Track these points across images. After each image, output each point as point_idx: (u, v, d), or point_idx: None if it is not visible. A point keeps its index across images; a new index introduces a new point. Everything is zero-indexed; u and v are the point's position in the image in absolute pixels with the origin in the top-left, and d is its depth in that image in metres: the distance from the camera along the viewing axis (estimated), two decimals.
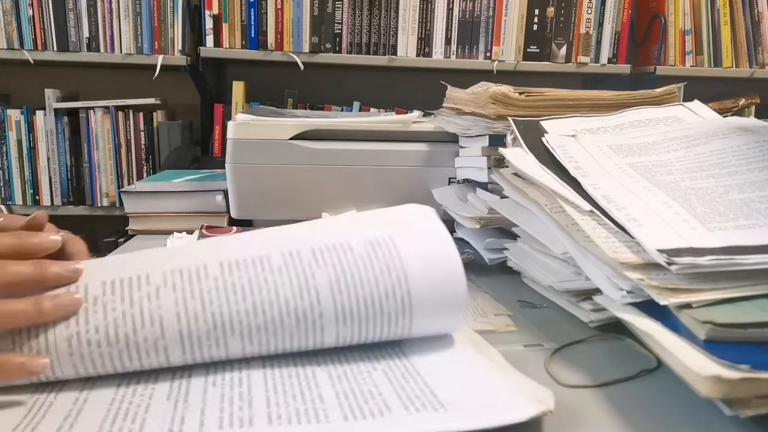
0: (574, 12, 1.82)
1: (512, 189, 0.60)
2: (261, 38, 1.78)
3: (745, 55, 1.88)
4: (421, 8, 1.81)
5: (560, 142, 0.61)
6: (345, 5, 1.79)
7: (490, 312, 0.53)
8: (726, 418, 0.34)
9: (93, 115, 1.82)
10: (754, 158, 0.53)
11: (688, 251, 0.40)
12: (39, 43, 1.76)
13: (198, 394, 0.36)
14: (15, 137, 1.81)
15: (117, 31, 1.77)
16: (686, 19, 1.85)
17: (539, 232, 0.56)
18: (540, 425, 0.35)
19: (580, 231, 0.46)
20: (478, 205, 0.72)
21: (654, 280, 0.39)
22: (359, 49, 1.81)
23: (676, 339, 0.36)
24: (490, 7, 1.81)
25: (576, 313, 0.51)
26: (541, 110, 0.69)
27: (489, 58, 1.83)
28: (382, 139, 0.85)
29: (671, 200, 0.48)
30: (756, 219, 0.44)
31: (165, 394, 0.36)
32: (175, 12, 1.77)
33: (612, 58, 1.84)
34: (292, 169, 0.83)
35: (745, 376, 0.31)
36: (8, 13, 1.74)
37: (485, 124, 0.70)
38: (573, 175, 0.54)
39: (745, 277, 0.39)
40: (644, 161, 0.56)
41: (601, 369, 0.42)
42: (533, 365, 0.42)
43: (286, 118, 0.88)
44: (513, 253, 0.63)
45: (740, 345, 0.35)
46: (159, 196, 0.89)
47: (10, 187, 1.82)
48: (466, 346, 0.43)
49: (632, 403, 0.38)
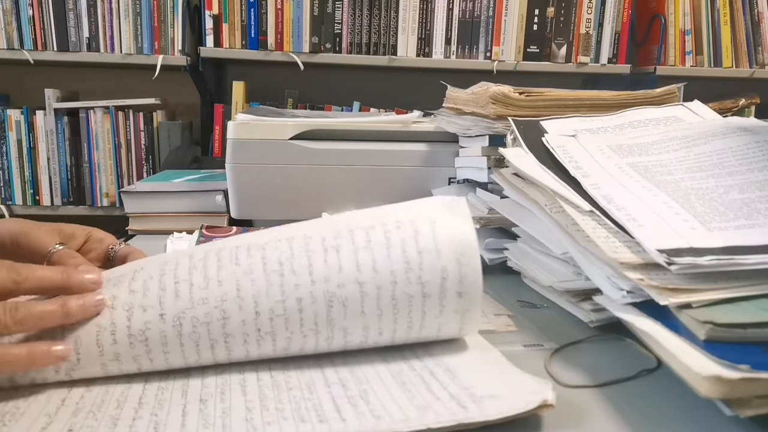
0: (574, 12, 1.82)
1: (512, 189, 0.60)
2: (261, 38, 1.78)
3: (745, 55, 1.88)
4: (421, 8, 1.81)
5: (560, 142, 0.61)
6: (345, 5, 1.79)
7: (490, 312, 0.53)
8: (726, 418, 0.34)
9: (93, 115, 1.82)
10: (754, 158, 0.52)
11: (688, 251, 0.40)
12: (39, 43, 1.76)
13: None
14: (15, 137, 1.81)
15: (117, 31, 1.77)
16: (686, 19, 1.85)
17: (539, 232, 0.56)
18: (541, 425, 0.35)
19: (580, 231, 0.46)
20: (478, 205, 0.72)
21: (654, 280, 0.39)
22: (359, 49, 1.81)
23: (676, 339, 0.36)
24: (490, 7, 1.81)
25: (576, 313, 0.51)
26: (541, 110, 0.69)
27: (489, 58, 1.83)
28: (382, 139, 0.85)
29: (671, 200, 0.48)
30: (756, 219, 0.44)
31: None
32: (175, 12, 1.77)
33: (612, 58, 1.84)
34: (292, 169, 0.83)
35: (745, 376, 0.31)
36: (8, 13, 1.73)
37: (485, 124, 0.70)
38: (573, 175, 0.54)
39: (745, 277, 0.39)
40: (644, 161, 0.56)
41: (601, 369, 0.42)
42: (533, 365, 0.42)
43: (286, 118, 0.88)
44: (513, 253, 0.63)
45: (740, 345, 0.35)
46: (159, 196, 0.89)
47: (10, 187, 1.82)
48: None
49: (632, 403, 0.38)
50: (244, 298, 0.38)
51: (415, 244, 0.39)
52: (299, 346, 0.39)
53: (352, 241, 0.39)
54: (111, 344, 0.37)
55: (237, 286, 0.38)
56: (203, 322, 0.37)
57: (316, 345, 0.39)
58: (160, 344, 0.37)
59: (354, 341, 0.40)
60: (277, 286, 0.38)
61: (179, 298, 0.38)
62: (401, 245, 0.39)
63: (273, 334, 0.38)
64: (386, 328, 0.39)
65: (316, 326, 0.38)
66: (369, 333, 0.39)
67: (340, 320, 0.38)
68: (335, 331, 0.39)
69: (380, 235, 0.39)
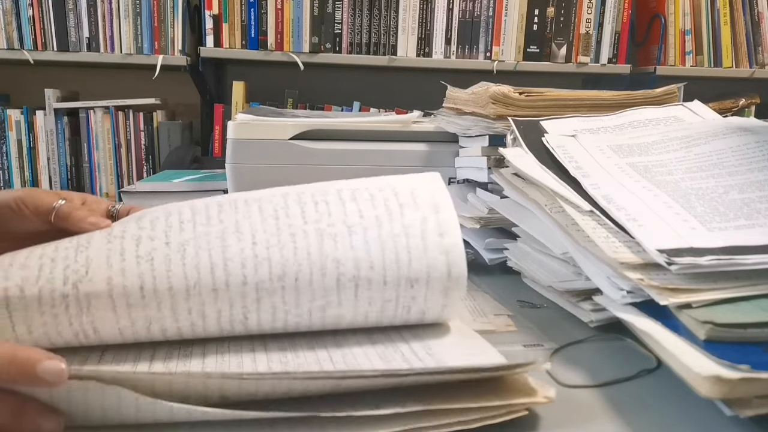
0: (574, 12, 1.82)
1: (512, 189, 0.60)
2: (261, 38, 1.79)
3: (745, 55, 1.88)
4: (421, 8, 1.81)
5: (560, 142, 0.61)
6: (345, 5, 1.79)
7: (490, 312, 0.53)
8: (726, 418, 0.34)
9: (93, 115, 1.82)
10: (754, 158, 0.53)
11: (688, 251, 0.40)
12: (39, 43, 1.76)
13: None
14: (15, 137, 1.81)
15: (117, 31, 1.77)
16: (686, 19, 1.85)
17: (539, 232, 0.56)
18: (541, 424, 0.35)
19: (580, 231, 0.46)
20: (478, 205, 0.72)
21: (654, 280, 0.39)
22: (359, 49, 1.81)
23: (676, 339, 0.36)
24: (490, 7, 1.81)
25: (576, 313, 0.51)
26: (541, 110, 0.69)
27: (489, 58, 1.83)
28: (382, 139, 0.85)
29: (671, 200, 0.48)
30: (756, 219, 0.44)
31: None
32: (175, 12, 1.77)
33: (612, 58, 1.84)
34: (292, 169, 0.83)
35: (745, 376, 0.31)
36: (8, 13, 1.74)
37: (485, 124, 0.70)
38: (573, 175, 0.54)
39: (745, 277, 0.39)
40: (644, 161, 0.56)
41: (601, 369, 0.42)
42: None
43: (286, 118, 0.88)
44: (513, 253, 0.63)
45: (740, 345, 0.35)
46: (159, 196, 0.89)
47: (10, 187, 1.82)
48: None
49: (632, 403, 0.38)
50: (243, 232, 0.41)
51: (396, 200, 0.44)
52: (294, 275, 0.41)
53: (339, 197, 0.44)
54: (120, 262, 0.39)
55: (236, 225, 0.42)
56: (205, 249, 0.40)
57: (310, 276, 0.41)
58: (165, 264, 0.39)
59: (347, 275, 0.41)
60: (272, 225, 0.42)
61: (184, 231, 0.41)
62: (383, 201, 0.44)
63: (269, 261, 0.40)
64: (377, 262, 0.41)
65: (309, 256, 0.41)
66: (360, 266, 0.41)
67: (332, 252, 0.41)
68: (328, 262, 0.41)
69: (365, 193, 0.45)
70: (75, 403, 0.32)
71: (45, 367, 0.31)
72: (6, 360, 0.32)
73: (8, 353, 0.32)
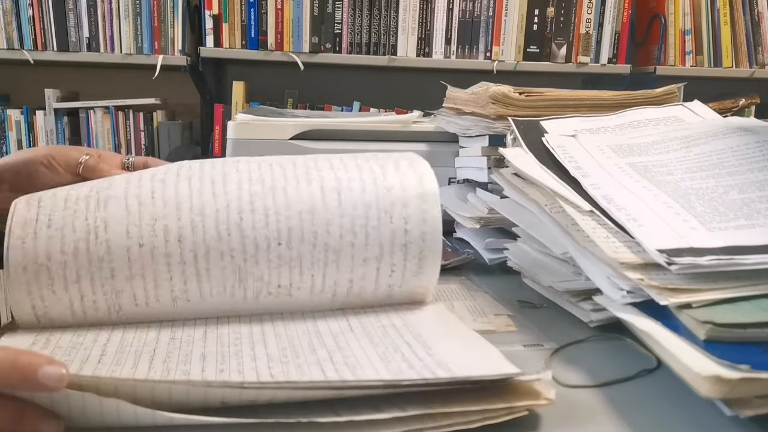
0: (574, 12, 1.83)
1: (512, 189, 0.60)
2: (261, 38, 1.79)
3: (745, 55, 1.88)
4: (421, 8, 1.81)
5: (560, 142, 0.61)
6: (345, 5, 1.79)
7: (490, 312, 0.53)
8: (726, 418, 0.34)
9: (93, 115, 1.82)
10: (754, 158, 0.53)
11: (688, 251, 0.40)
12: (39, 43, 1.76)
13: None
14: (15, 137, 1.81)
15: (117, 31, 1.77)
16: (686, 19, 1.85)
17: (539, 232, 0.56)
18: (541, 424, 0.35)
19: (580, 231, 0.46)
20: (478, 205, 0.72)
21: (654, 280, 0.39)
22: (359, 49, 1.81)
23: (676, 339, 0.36)
24: (490, 7, 1.82)
25: (576, 313, 0.51)
26: (541, 110, 0.69)
27: (489, 58, 1.83)
28: (382, 139, 0.85)
29: (671, 200, 0.48)
30: (756, 219, 0.44)
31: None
32: (175, 12, 1.77)
33: (612, 58, 1.84)
34: None
35: (745, 376, 0.31)
36: (8, 13, 1.74)
37: (485, 124, 0.70)
38: (573, 175, 0.54)
39: (745, 277, 0.39)
40: (644, 161, 0.56)
41: (601, 369, 0.42)
42: (533, 365, 0.42)
43: (286, 118, 0.88)
44: (513, 253, 0.63)
45: (740, 345, 0.35)
46: None
47: None
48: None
49: (632, 403, 0.38)
50: (240, 170, 0.48)
51: (380, 168, 0.49)
52: (282, 189, 0.46)
53: (329, 162, 0.49)
54: (137, 181, 0.47)
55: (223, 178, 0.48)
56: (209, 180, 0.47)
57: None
58: (174, 184, 0.47)
59: (334, 227, 0.46)
60: (257, 179, 0.47)
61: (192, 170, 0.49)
62: (368, 166, 0.49)
63: (261, 181, 0.47)
64: (359, 216, 0.46)
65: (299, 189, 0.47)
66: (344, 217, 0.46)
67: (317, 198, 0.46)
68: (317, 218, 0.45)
69: (350, 161, 0.50)
70: (75, 408, 0.32)
71: (46, 373, 0.31)
72: (7, 365, 0.31)
73: (10, 358, 0.32)
